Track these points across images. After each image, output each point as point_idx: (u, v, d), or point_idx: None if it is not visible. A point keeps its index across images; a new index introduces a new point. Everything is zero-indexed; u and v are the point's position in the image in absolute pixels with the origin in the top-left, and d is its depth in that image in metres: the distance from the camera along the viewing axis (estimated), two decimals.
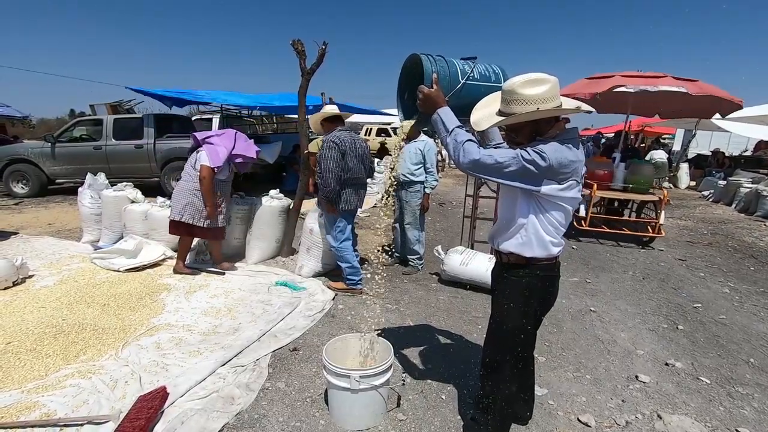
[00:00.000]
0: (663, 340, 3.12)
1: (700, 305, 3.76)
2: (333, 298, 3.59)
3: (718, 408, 2.35)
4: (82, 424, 2.00)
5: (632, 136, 18.28)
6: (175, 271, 4.02)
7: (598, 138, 14.39)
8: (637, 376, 2.61)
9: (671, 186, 12.51)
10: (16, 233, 5.44)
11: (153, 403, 2.06)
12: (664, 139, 21.87)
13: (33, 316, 3.10)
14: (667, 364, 2.78)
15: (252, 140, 4.09)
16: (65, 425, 1.99)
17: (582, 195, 4.93)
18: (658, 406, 2.33)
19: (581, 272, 4.61)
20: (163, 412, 2.09)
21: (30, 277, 3.85)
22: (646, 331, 3.27)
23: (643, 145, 17.62)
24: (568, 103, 1.63)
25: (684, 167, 12.82)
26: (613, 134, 13.33)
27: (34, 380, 2.36)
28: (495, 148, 2.01)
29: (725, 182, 10.02)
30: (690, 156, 14.42)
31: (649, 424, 2.19)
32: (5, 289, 3.55)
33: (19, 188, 8.46)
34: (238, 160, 3.87)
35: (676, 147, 17.77)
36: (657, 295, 4.01)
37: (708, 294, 4.10)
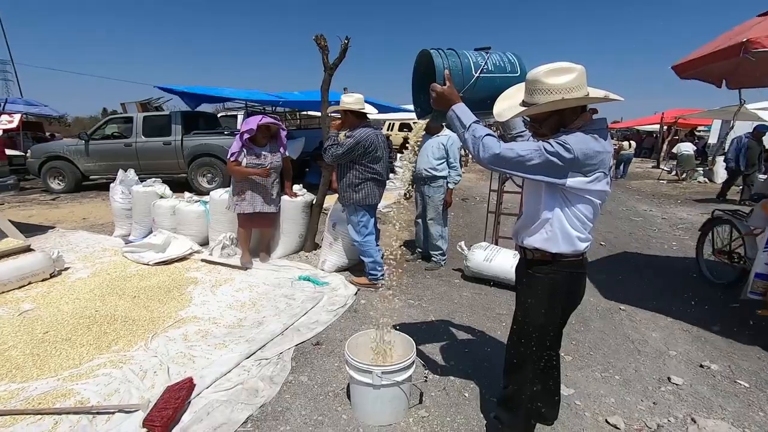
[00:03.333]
0: (697, 341, 2.99)
1: (737, 305, 3.59)
2: (355, 293, 3.60)
3: (758, 413, 2.23)
4: (113, 413, 2.07)
5: (665, 129, 17.61)
6: (242, 263, 4.19)
7: (764, 129, 9.20)
8: (669, 378, 2.51)
9: (707, 181, 11.99)
10: (53, 227, 5.69)
11: (180, 394, 2.11)
12: (699, 131, 20.95)
13: (68, 307, 3.23)
14: (701, 366, 2.66)
15: (261, 116, 4.12)
16: (98, 413, 2.07)
17: None
18: (691, 410, 2.24)
19: (610, 269, 4.47)
20: (189, 402, 2.14)
21: (66, 269, 4.01)
22: (680, 330, 3.14)
23: (676, 137, 16.96)
24: (596, 93, 1.57)
25: (720, 161, 12.24)
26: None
27: (69, 369, 2.46)
28: (518, 137, 1.96)
29: (766, 176, 9.50)
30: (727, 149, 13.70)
31: (682, 428, 2.10)
32: (43, 280, 3.72)
33: (55, 184, 8.84)
34: (246, 136, 3.94)
35: (713, 139, 16.93)
36: (691, 294, 3.84)
37: None
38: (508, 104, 1.70)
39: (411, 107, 2.27)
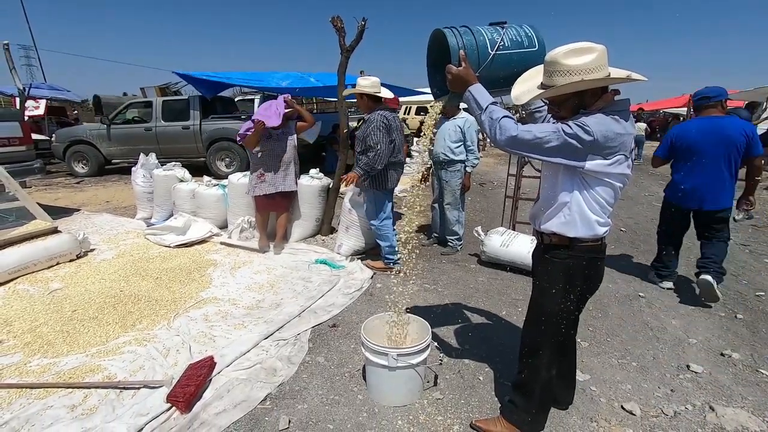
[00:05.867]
0: (719, 329, 2.93)
1: (763, 293, 3.50)
2: (371, 277, 3.63)
3: None
4: (139, 388, 2.15)
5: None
6: (259, 247, 4.23)
7: None
8: (688, 366, 2.48)
9: None
10: (78, 210, 5.87)
11: (202, 371, 2.18)
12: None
13: (95, 287, 3.35)
14: (722, 355, 2.61)
15: (273, 106, 4.05)
16: (124, 388, 2.16)
17: None
18: (710, 398, 2.21)
19: (630, 255, 4.39)
20: (210, 380, 2.21)
21: (91, 250, 4.15)
22: (701, 318, 3.08)
23: None
24: (617, 73, 1.51)
25: None
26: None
27: (97, 345, 2.56)
28: (535, 111, 1.92)
29: None
30: (759, 132, 13.09)
31: (700, 415, 2.08)
32: (70, 261, 3.85)
33: (79, 168, 9.06)
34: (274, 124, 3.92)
35: None
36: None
37: None
38: (527, 87, 1.66)
39: (427, 90, 2.24)
